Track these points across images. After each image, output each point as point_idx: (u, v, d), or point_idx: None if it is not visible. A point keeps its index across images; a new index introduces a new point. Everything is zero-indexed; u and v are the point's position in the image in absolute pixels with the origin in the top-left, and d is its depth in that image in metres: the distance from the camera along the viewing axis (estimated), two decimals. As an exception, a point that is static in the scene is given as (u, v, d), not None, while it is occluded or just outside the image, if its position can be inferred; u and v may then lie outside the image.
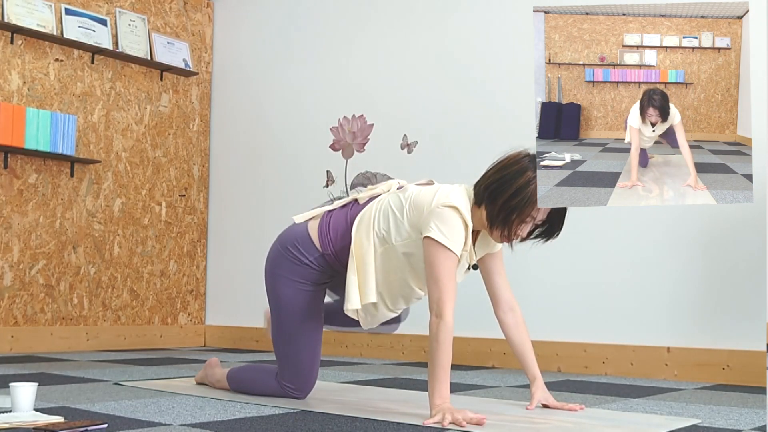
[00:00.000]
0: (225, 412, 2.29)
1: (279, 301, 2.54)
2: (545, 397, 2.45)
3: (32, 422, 1.97)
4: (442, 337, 2.17)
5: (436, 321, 2.19)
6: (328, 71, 5.05)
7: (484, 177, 2.32)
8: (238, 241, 5.42)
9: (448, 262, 2.21)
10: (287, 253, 2.54)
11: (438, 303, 2.20)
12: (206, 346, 5.43)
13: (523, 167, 2.26)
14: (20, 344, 4.53)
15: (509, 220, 2.24)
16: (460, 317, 4.30)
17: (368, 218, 2.38)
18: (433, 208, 2.24)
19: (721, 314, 3.55)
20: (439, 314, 2.19)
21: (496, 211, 2.24)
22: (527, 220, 2.26)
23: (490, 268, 2.49)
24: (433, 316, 2.20)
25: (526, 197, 2.22)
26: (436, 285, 2.21)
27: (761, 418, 2.36)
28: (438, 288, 2.21)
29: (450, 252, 2.21)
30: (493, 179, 2.27)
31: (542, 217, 2.28)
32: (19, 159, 4.59)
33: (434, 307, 2.21)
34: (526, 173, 2.25)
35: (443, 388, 2.15)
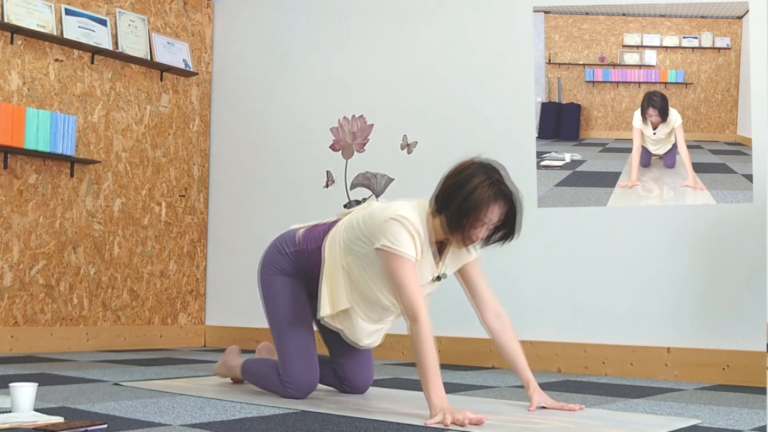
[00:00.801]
0: (225, 412, 2.29)
1: (264, 293, 2.72)
2: (543, 399, 2.46)
3: (32, 422, 1.97)
4: (423, 337, 2.22)
5: (413, 325, 2.26)
6: (328, 71, 5.05)
7: (438, 186, 2.40)
8: (238, 241, 5.42)
9: (405, 266, 2.31)
10: (272, 246, 2.76)
11: (410, 308, 2.28)
12: (206, 347, 5.43)
13: (472, 173, 2.31)
14: (20, 344, 4.53)
15: (463, 224, 2.30)
16: (460, 317, 4.31)
17: (336, 231, 2.55)
18: (381, 221, 2.37)
19: (721, 314, 3.55)
20: (414, 317, 2.26)
21: (450, 217, 2.31)
22: (480, 223, 2.32)
23: (470, 278, 2.57)
24: (410, 321, 2.28)
25: (477, 200, 2.27)
26: (402, 291, 2.31)
27: (761, 418, 2.36)
28: (405, 293, 2.30)
29: (404, 257, 2.32)
30: (446, 187, 2.35)
31: (497, 219, 2.33)
32: (19, 159, 4.59)
33: (408, 312, 2.29)
34: (474, 178, 2.29)
35: (438, 387, 2.18)
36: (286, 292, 2.67)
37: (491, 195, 2.26)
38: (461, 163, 2.37)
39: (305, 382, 2.61)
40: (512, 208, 2.33)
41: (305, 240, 2.66)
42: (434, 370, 2.19)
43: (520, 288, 4.13)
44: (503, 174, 2.33)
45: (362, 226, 2.45)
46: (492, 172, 2.31)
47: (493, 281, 4.21)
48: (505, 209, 2.31)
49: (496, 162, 2.36)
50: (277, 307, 2.68)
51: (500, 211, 2.30)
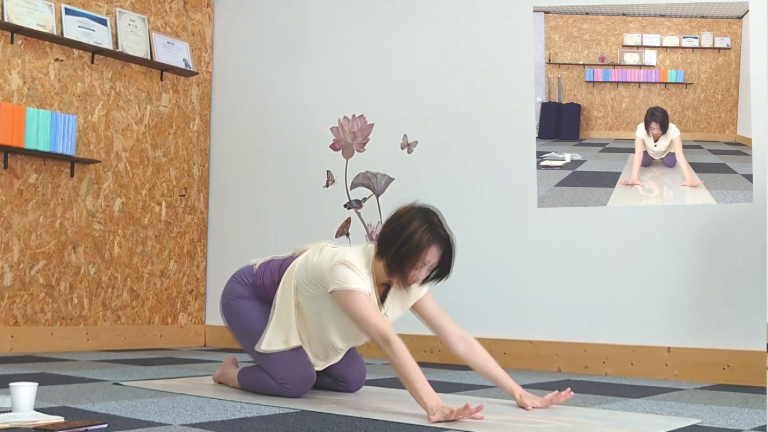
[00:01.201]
0: (225, 412, 2.29)
1: (231, 318, 2.81)
2: (533, 401, 2.48)
3: (32, 422, 1.97)
4: (399, 352, 2.29)
5: (386, 347, 2.32)
6: (328, 71, 5.05)
7: (380, 231, 2.51)
8: (238, 241, 5.43)
9: (359, 298, 2.42)
10: (231, 279, 2.89)
11: (377, 334, 2.35)
12: (206, 346, 5.43)
13: (411, 217, 2.44)
14: (20, 344, 4.53)
15: (403, 266, 2.42)
16: (460, 317, 4.31)
17: (292, 269, 2.67)
18: (329, 268, 2.50)
19: (721, 314, 3.55)
20: (385, 340, 2.33)
21: (390, 259, 2.43)
22: (419, 265, 2.43)
23: (426, 313, 2.67)
24: (382, 345, 2.34)
25: (415, 244, 2.39)
26: (365, 323, 2.39)
27: (761, 418, 2.36)
28: (367, 323, 2.38)
29: (356, 291, 2.43)
30: (386, 231, 2.48)
31: (434, 260, 2.45)
32: (19, 159, 4.59)
33: (377, 339, 2.35)
34: (413, 222, 2.41)
35: (428, 389, 2.22)
36: (254, 309, 2.77)
37: (429, 238, 2.39)
38: (400, 208, 2.50)
39: (302, 376, 2.62)
40: (448, 250, 2.46)
41: (260, 274, 2.78)
42: (419, 376, 2.25)
43: (520, 288, 4.14)
44: (440, 218, 2.47)
45: (312, 272, 2.58)
46: (430, 216, 2.44)
47: (494, 281, 4.22)
48: (442, 251, 2.44)
49: (433, 207, 2.50)
50: (250, 323, 2.74)
51: (438, 253, 2.43)
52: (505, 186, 4.22)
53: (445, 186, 4.44)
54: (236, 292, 2.81)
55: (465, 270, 4.32)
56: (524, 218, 4.13)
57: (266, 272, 2.77)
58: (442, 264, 2.47)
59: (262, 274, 2.78)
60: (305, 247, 2.77)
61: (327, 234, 4.90)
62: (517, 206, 4.16)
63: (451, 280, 2.62)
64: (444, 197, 4.46)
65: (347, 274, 2.45)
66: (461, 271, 4.34)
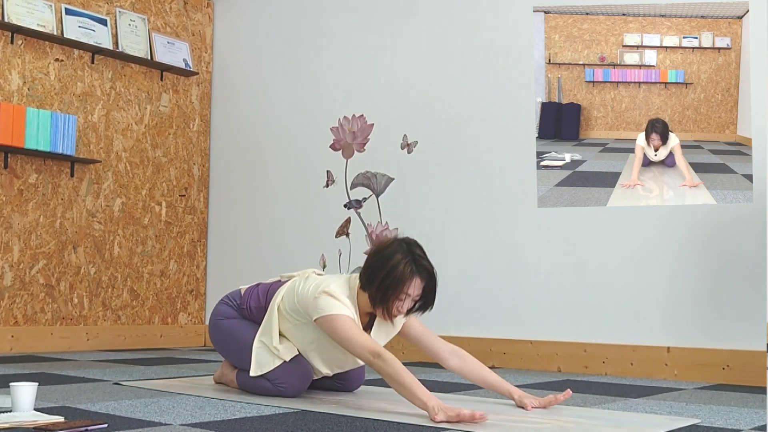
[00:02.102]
0: (225, 412, 2.29)
1: (220, 336, 2.85)
2: (531, 401, 2.47)
3: (32, 422, 1.97)
4: (391, 362, 2.30)
5: (377, 362, 2.33)
6: (328, 71, 5.05)
7: (364, 263, 2.54)
8: (238, 241, 5.43)
9: (344, 321, 2.45)
10: (219, 302, 2.94)
11: (366, 353, 2.37)
12: (206, 346, 5.43)
13: (394, 249, 2.46)
14: (20, 344, 4.53)
15: (387, 299, 2.45)
16: (460, 317, 4.31)
17: (278, 296, 2.69)
18: (312, 299, 2.53)
19: (721, 314, 3.55)
20: (375, 355, 2.34)
21: (374, 291, 2.45)
22: (402, 297, 2.45)
23: (413, 335, 2.69)
24: (373, 362, 2.34)
25: (398, 276, 2.41)
26: (352, 343, 2.41)
27: (761, 418, 2.36)
28: (356, 344, 2.40)
29: (340, 315, 2.46)
30: (369, 264, 2.50)
31: (417, 292, 2.46)
32: (19, 159, 4.59)
33: (367, 358, 2.36)
34: (396, 255, 2.44)
35: (425, 392, 2.23)
36: (241, 324, 2.81)
37: (412, 270, 2.41)
38: (384, 241, 2.55)
39: (298, 376, 2.63)
40: (431, 282, 2.46)
41: (247, 297, 2.83)
42: (414, 381, 2.26)
43: (520, 288, 4.14)
44: (423, 250, 2.48)
45: (298, 301, 2.61)
46: (412, 248, 2.45)
47: (494, 281, 4.22)
48: (425, 283, 2.45)
49: (414, 240, 2.51)
50: (240, 336, 2.77)
51: (421, 285, 2.44)
52: (505, 186, 4.22)
53: (445, 186, 4.45)
54: (223, 313, 2.87)
55: (465, 270, 4.32)
56: (524, 218, 4.14)
57: (252, 296, 2.82)
58: (426, 296, 2.49)
59: (248, 298, 2.83)
60: (291, 275, 2.81)
61: (327, 234, 4.90)
62: (517, 206, 4.16)
63: (451, 280, 2.63)
64: (444, 197, 4.46)
65: (331, 302, 2.49)
66: (461, 271, 4.35)
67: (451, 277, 4.33)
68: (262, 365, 2.65)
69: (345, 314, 2.47)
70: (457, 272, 4.34)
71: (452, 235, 4.38)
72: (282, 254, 5.15)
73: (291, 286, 2.69)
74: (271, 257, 5.21)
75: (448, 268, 4.37)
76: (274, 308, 2.67)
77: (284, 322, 2.66)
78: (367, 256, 2.55)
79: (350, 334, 2.42)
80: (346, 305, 2.50)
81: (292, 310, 2.63)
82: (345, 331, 2.43)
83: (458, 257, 4.35)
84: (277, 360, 2.63)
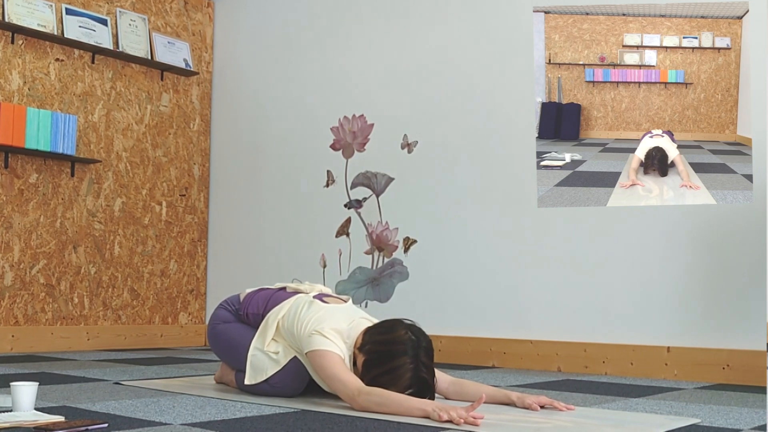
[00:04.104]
0: (225, 411, 2.29)
1: (217, 341, 2.86)
2: (534, 399, 2.44)
3: (33, 422, 1.97)
4: (376, 392, 2.28)
5: (361, 397, 2.29)
6: (329, 71, 5.06)
7: (371, 336, 2.45)
8: (238, 241, 5.43)
9: (334, 359, 2.42)
10: (218, 306, 2.96)
11: (352, 390, 2.32)
12: (206, 346, 5.43)
13: (403, 351, 2.36)
14: (21, 344, 4.53)
15: (379, 385, 2.36)
16: (460, 317, 4.31)
17: (280, 310, 2.68)
18: (307, 337, 2.51)
19: (721, 314, 3.55)
20: (358, 391, 2.30)
21: (368, 379, 2.38)
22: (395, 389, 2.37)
23: None
24: (357, 398, 2.30)
25: (395, 379, 2.35)
26: (337, 381, 2.37)
27: (761, 418, 2.36)
28: (340, 382, 2.36)
29: (331, 352, 2.43)
30: (374, 349, 2.41)
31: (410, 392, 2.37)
32: (19, 159, 4.59)
33: (353, 394, 2.32)
34: (404, 357, 2.35)
35: (418, 400, 2.22)
36: (238, 327, 2.82)
37: (410, 377, 2.33)
38: (396, 331, 2.42)
39: (295, 376, 2.62)
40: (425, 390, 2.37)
41: (246, 303, 2.84)
42: (404, 396, 2.25)
43: (520, 288, 4.14)
44: (431, 355, 2.39)
45: (297, 328, 2.58)
46: (420, 354, 2.35)
47: (494, 281, 4.23)
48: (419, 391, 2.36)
49: (427, 340, 2.40)
50: (237, 340, 2.77)
51: (414, 390, 2.35)
52: (505, 186, 4.22)
53: (445, 186, 4.45)
54: (221, 317, 2.88)
55: (465, 270, 4.32)
56: (524, 218, 4.14)
57: (251, 303, 2.82)
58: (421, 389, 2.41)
59: (247, 305, 2.83)
60: (299, 287, 2.80)
61: (327, 233, 4.90)
62: (517, 206, 4.16)
63: (451, 280, 2.63)
64: (444, 197, 4.46)
65: (323, 341, 2.47)
66: (461, 271, 4.36)
67: (451, 277, 4.33)
68: (257, 374, 2.65)
69: (335, 352, 2.45)
70: (457, 272, 4.34)
71: (452, 234, 4.38)
72: (282, 254, 5.15)
73: (295, 307, 2.67)
74: (272, 257, 5.21)
75: (448, 268, 4.37)
76: (274, 323, 2.66)
77: (280, 339, 2.66)
78: (377, 336, 2.44)
79: (338, 371, 2.38)
80: (339, 346, 2.48)
81: (289, 332, 2.62)
82: (332, 368, 2.39)
83: (458, 257, 4.35)
84: (271, 369, 2.62)
